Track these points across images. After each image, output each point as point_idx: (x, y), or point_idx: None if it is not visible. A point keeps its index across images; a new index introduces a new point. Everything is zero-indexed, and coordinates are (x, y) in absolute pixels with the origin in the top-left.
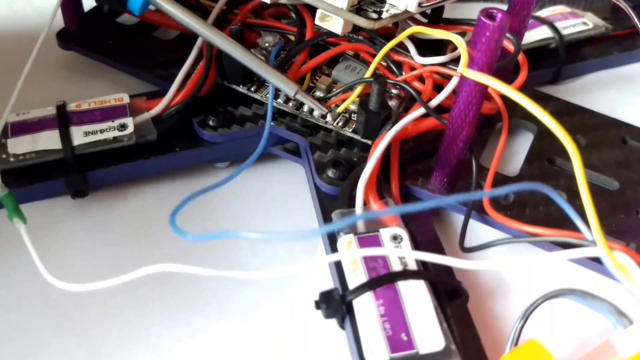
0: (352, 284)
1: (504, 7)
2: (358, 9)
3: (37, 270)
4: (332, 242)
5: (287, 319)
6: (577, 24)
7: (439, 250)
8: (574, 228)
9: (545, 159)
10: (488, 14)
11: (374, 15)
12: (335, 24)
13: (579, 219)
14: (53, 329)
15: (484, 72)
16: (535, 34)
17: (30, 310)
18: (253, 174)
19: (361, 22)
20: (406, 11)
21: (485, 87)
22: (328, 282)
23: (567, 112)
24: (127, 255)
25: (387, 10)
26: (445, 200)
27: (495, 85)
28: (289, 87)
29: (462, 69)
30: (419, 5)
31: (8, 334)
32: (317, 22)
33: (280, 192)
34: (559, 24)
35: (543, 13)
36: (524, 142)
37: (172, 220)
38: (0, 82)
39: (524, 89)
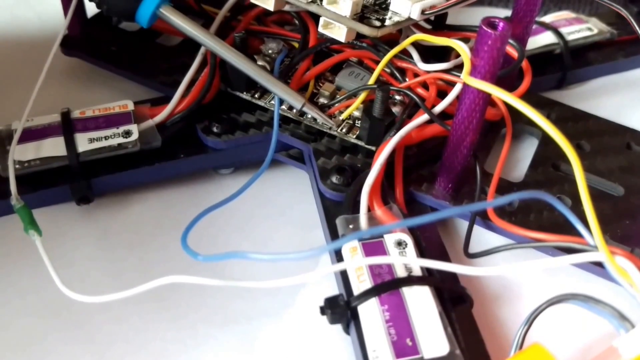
0: (357, 290)
1: (508, 11)
2: (361, 17)
3: (45, 277)
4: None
5: (292, 325)
6: (581, 29)
7: (444, 255)
8: (578, 233)
9: (550, 164)
10: (490, 23)
11: (377, 23)
12: (338, 32)
13: (580, 225)
14: (59, 335)
15: (487, 80)
16: (540, 40)
17: (37, 317)
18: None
19: (364, 30)
20: (409, 18)
21: (488, 94)
22: (333, 287)
23: (571, 118)
24: (132, 262)
25: (390, 18)
26: (447, 213)
27: (497, 93)
28: (295, 100)
29: (465, 76)
30: (422, 12)
31: (15, 340)
32: (320, 29)
33: (284, 197)
34: (563, 30)
35: (548, 18)
36: (528, 148)
37: (183, 241)
38: (4, 88)
39: (528, 94)
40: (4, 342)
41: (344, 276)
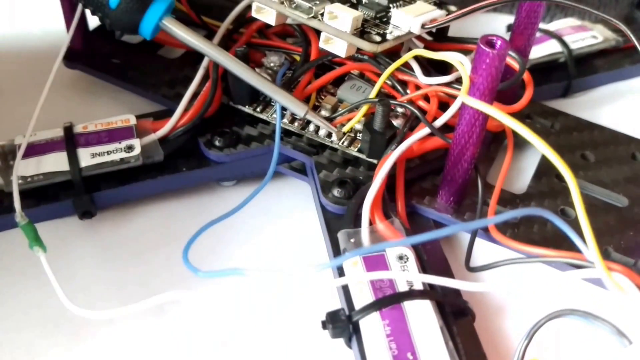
0: (358, 304)
1: (511, 18)
2: (362, 32)
3: (47, 291)
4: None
5: (294, 339)
6: (586, 37)
7: (446, 268)
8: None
9: (554, 175)
10: (488, 42)
11: (378, 38)
12: (339, 47)
13: (580, 241)
14: (61, 349)
15: (486, 97)
16: (545, 49)
17: (39, 331)
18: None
19: (364, 45)
20: (410, 32)
21: None
22: (334, 301)
23: (576, 128)
24: (135, 275)
25: (391, 32)
26: (447, 231)
27: (494, 113)
28: (298, 108)
29: (463, 95)
30: (423, 26)
31: (18, 355)
32: (321, 44)
33: (286, 210)
34: (568, 38)
35: (553, 26)
36: (532, 158)
37: (185, 256)
38: (6, 102)
39: (532, 104)
40: (7, 356)
41: (345, 290)
